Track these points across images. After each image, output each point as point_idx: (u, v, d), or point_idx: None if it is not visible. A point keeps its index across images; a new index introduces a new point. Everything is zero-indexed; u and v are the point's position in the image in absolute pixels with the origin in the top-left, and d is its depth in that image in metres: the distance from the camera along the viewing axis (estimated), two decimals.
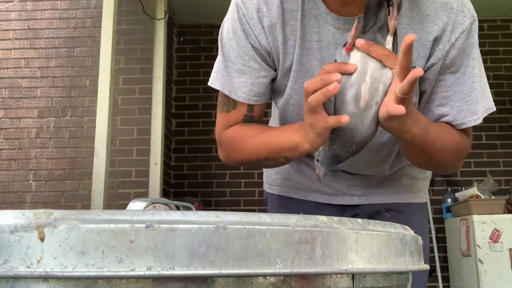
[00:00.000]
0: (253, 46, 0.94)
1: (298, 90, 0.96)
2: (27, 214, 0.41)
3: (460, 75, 0.92)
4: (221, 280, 0.41)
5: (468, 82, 0.92)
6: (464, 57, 0.92)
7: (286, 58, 0.95)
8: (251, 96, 0.97)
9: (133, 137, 3.69)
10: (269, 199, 1.20)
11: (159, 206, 0.93)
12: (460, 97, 0.93)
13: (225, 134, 1.01)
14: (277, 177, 1.17)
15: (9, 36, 3.83)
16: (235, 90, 0.97)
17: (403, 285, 0.56)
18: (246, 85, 0.96)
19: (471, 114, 0.93)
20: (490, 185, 3.43)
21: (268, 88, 0.99)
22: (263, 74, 0.96)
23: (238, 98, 0.97)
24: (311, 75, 0.93)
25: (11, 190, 3.58)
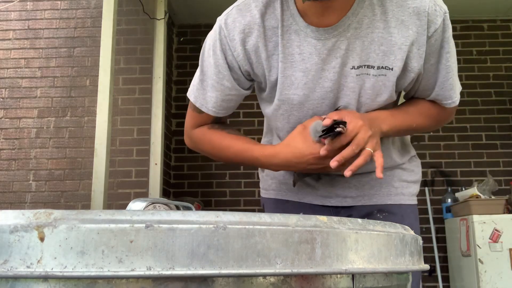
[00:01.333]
0: (229, 66, 1.02)
1: (285, 100, 1.03)
2: (27, 214, 0.41)
3: (438, 65, 1.02)
4: (221, 280, 0.41)
5: (443, 72, 1.03)
6: (441, 48, 1.01)
7: (271, 72, 1.01)
8: (220, 110, 1.07)
9: (133, 137, 3.69)
10: (266, 204, 1.24)
11: (159, 206, 0.93)
12: (437, 84, 1.04)
13: (195, 132, 1.14)
14: (272, 182, 1.21)
15: (9, 36, 3.83)
16: (206, 103, 1.07)
17: (403, 285, 0.56)
18: (217, 101, 1.06)
19: (447, 99, 1.07)
20: (490, 185, 3.43)
21: (237, 103, 1.09)
22: (233, 93, 1.05)
23: (208, 111, 1.07)
24: (297, 86, 1.01)
25: (11, 190, 3.58)
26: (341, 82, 1.00)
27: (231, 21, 1.01)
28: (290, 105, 1.03)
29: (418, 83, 1.05)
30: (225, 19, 1.02)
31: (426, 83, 1.05)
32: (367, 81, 0.99)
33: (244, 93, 1.07)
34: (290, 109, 1.03)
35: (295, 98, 1.01)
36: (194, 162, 4.06)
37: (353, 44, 0.98)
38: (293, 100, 1.02)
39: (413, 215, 1.17)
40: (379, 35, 0.97)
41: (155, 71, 3.63)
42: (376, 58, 0.98)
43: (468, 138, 3.97)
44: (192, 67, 4.18)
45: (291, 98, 1.02)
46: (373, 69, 0.99)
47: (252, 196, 3.96)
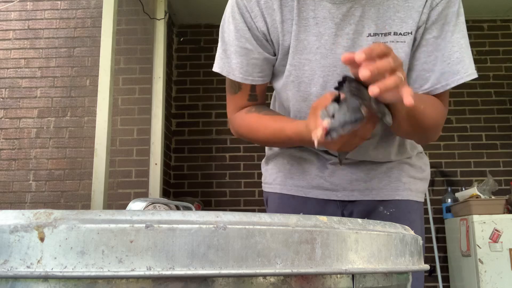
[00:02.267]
0: (249, 28, 1.01)
1: (297, 66, 1.01)
2: (27, 214, 0.41)
3: (441, 40, 0.99)
4: (221, 280, 0.41)
5: (448, 46, 0.98)
6: (446, 24, 0.98)
7: (285, 37, 1.01)
8: (247, 76, 1.05)
9: (133, 137, 3.69)
10: (270, 198, 1.21)
11: (159, 206, 0.93)
12: (442, 60, 0.99)
13: (235, 118, 1.12)
14: (277, 176, 1.19)
15: (9, 36, 3.83)
16: (233, 71, 1.05)
17: (403, 285, 0.56)
18: (243, 66, 1.04)
19: (453, 75, 0.99)
20: (490, 185, 3.43)
21: (264, 70, 1.06)
22: (257, 56, 1.03)
23: (235, 78, 1.05)
24: (309, 51, 0.99)
25: (11, 190, 3.58)
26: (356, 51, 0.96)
27: None
28: (301, 71, 1.01)
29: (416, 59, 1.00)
30: None
31: (426, 60, 1.00)
32: None
33: (268, 57, 1.04)
34: (301, 75, 1.01)
35: (306, 63, 1.00)
36: (194, 162, 4.06)
37: (368, 11, 0.97)
38: (304, 65, 1.00)
39: (419, 212, 1.15)
40: (394, 2, 0.97)
41: (155, 71, 3.63)
42: (393, 24, 0.97)
43: (468, 138, 3.97)
44: (192, 67, 4.19)
45: (302, 62, 1.00)
46: (391, 35, 0.97)
47: (252, 196, 3.96)
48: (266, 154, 1.23)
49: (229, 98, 1.13)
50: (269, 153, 1.22)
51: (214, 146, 4.03)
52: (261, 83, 1.07)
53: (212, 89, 4.10)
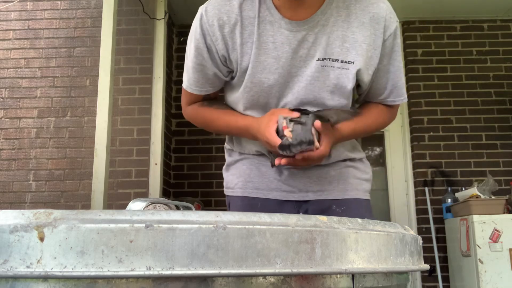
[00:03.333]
0: (208, 49, 1.15)
1: (257, 83, 1.15)
2: (27, 214, 0.41)
3: (390, 66, 1.20)
4: (221, 280, 0.41)
5: (396, 72, 1.21)
6: (393, 52, 1.19)
7: (244, 58, 1.14)
8: (202, 89, 1.22)
9: (133, 137, 3.69)
10: (232, 202, 1.31)
11: (159, 206, 0.92)
12: (391, 84, 1.22)
13: (188, 109, 1.28)
14: (238, 181, 1.30)
15: (9, 36, 3.83)
16: (190, 84, 1.22)
17: (403, 285, 0.56)
18: (199, 81, 1.20)
19: (399, 96, 1.24)
20: (490, 185, 3.43)
21: (216, 85, 1.22)
22: (212, 73, 1.18)
23: (192, 91, 1.22)
24: (269, 71, 1.13)
25: (11, 190, 3.58)
26: (307, 72, 1.13)
27: (211, 9, 1.14)
28: (260, 88, 1.15)
29: (372, 83, 1.20)
30: (206, 7, 1.15)
31: (379, 82, 1.21)
32: (331, 72, 1.13)
33: (220, 76, 1.19)
34: (260, 91, 1.15)
35: (265, 82, 1.13)
36: (194, 162, 4.06)
37: (320, 39, 1.13)
38: (263, 83, 1.14)
39: (368, 208, 1.30)
40: (342, 33, 1.13)
41: (155, 71, 3.63)
42: (340, 53, 1.13)
43: (468, 138, 3.97)
44: None
45: (262, 81, 1.14)
46: (337, 62, 1.13)
47: None
48: (227, 161, 1.35)
49: (184, 92, 1.27)
50: (230, 160, 1.34)
51: (214, 146, 4.03)
52: (211, 92, 1.24)
53: None
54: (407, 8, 3.91)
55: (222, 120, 1.23)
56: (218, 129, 1.28)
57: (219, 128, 1.26)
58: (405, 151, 4.07)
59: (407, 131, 4.06)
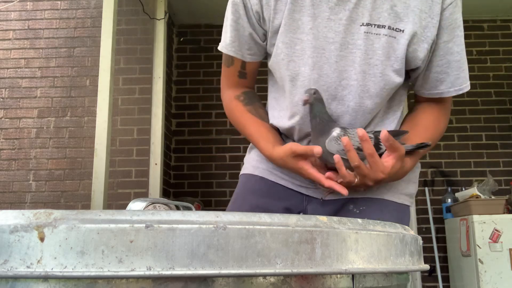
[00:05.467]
0: (244, 4, 1.04)
1: (288, 44, 1.01)
2: (27, 214, 0.41)
3: (452, 44, 1.02)
4: (221, 280, 0.41)
5: (459, 52, 1.03)
6: (456, 27, 1.01)
7: (277, 15, 1.02)
8: (237, 50, 1.09)
9: (133, 137, 3.69)
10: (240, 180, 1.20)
11: (159, 206, 0.92)
12: (456, 65, 1.03)
13: (226, 96, 1.18)
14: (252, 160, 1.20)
15: (9, 36, 3.83)
16: (225, 43, 1.10)
17: (403, 285, 0.56)
18: (234, 40, 1.08)
19: (466, 81, 1.05)
20: (490, 185, 3.43)
21: (252, 48, 1.09)
22: (247, 33, 1.07)
23: (228, 51, 1.10)
24: (302, 31, 1.00)
25: (11, 190, 3.58)
26: (347, 39, 0.99)
27: None
28: (292, 49, 1.02)
29: (431, 65, 1.03)
30: None
31: (440, 65, 1.03)
32: (376, 41, 0.98)
33: (256, 37, 1.07)
34: (291, 54, 1.02)
35: (297, 42, 1.01)
36: (194, 162, 4.06)
37: (365, 1, 0.97)
38: (296, 43, 1.01)
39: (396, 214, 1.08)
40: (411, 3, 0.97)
41: (155, 71, 3.63)
42: (388, 18, 0.97)
43: (468, 138, 3.97)
44: (192, 67, 4.18)
45: (294, 41, 1.01)
46: (384, 28, 0.97)
47: None
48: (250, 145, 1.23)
49: (223, 69, 1.18)
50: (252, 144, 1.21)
51: (214, 146, 4.03)
52: (249, 60, 1.11)
53: (212, 89, 4.10)
54: None
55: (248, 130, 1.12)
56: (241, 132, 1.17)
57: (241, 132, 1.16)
58: None
59: None
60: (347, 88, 1.01)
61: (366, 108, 1.02)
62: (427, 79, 1.06)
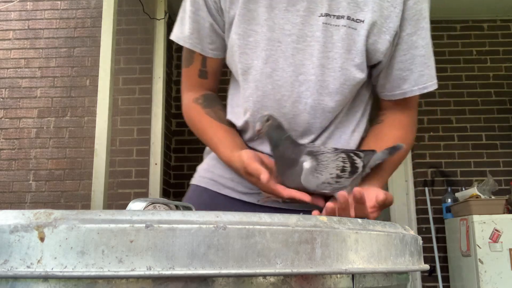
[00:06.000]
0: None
1: (241, 35, 0.95)
2: (27, 214, 0.41)
3: (416, 38, 0.94)
4: (221, 280, 0.41)
5: (424, 46, 0.95)
6: (421, 19, 0.94)
7: (233, 5, 0.96)
8: (197, 43, 1.02)
9: (133, 137, 3.69)
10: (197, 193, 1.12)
11: (159, 206, 0.92)
12: (421, 61, 0.95)
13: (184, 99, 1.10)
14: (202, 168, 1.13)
15: (9, 36, 3.83)
16: (184, 36, 1.02)
17: (403, 285, 0.56)
18: (194, 32, 1.01)
19: (432, 78, 0.97)
20: (490, 185, 3.43)
21: (214, 42, 1.02)
22: (207, 24, 1.00)
23: (185, 44, 1.02)
24: (257, 22, 0.94)
25: (11, 190, 3.58)
26: (305, 31, 0.92)
27: None
28: (245, 41, 0.95)
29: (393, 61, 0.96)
30: None
31: (403, 60, 0.95)
32: (335, 33, 0.91)
33: (217, 28, 1.00)
34: (244, 46, 0.95)
35: (251, 34, 0.94)
36: (194, 162, 4.04)
37: None
38: (249, 35, 0.94)
39: None
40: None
41: (155, 71, 3.63)
42: (347, 8, 0.91)
43: (468, 138, 3.97)
44: None
45: (247, 33, 0.94)
46: (343, 19, 0.91)
47: None
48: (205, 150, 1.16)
49: (183, 71, 1.11)
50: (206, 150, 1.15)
51: None
52: (211, 56, 1.03)
53: None
54: None
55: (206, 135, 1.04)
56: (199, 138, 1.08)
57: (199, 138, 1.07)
58: None
59: None
60: (304, 84, 0.94)
61: (326, 107, 0.94)
62: (389, 77, 0.98)
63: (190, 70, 1.08)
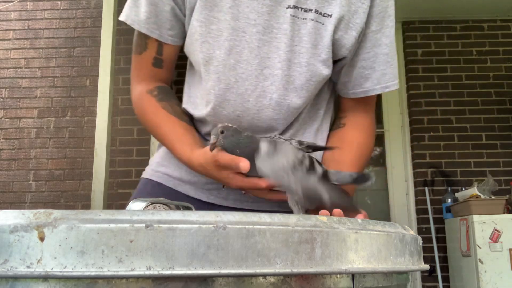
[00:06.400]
0: None
1: (203, 22, 0.89)
2: (27, 214, 0.41)
3: (381, 35, 0.92)
4: (221, 280, 0.41)
5: (388, 44, 0.93)
6: (386, 17, 0.92)
7: None
8: (154, 28, 0.93)
9: (133, 137, 3.69)
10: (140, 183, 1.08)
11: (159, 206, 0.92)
12: (384, 59, 0.93)
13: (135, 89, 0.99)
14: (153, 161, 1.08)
15: (9, 36, 3.83)
16: (140, 21, 0.93)
17: (403, 285, 0.56)
18: (151, 16, 0.92)
19: (394, 78, 0.94)
20: (490, 185, 3.43)
21: (174, 28, 0.94)
22: (167, 8, 0.91)
23: (141, 28, 0.93)
24: (220, 9, 0.88)
25: (11, 190, 3.58)
26: (271, 22, 0.88)
27: None
28: (207, 29, 0.88)
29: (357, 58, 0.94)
30: None
31: (366, 57, 0.93)
32: (302, 27, 0.88)
33: (178, 13, 0.92)
34: (206, 35, 0.89)
35: (214, 22, 0.88)
36: None
37: None
38: (211, 23, 0.88)
39: None
40: None
41: None
42: (315, 1, 0.88)
43: (468, 138, 3.97)
44: None
45: (210, 20, 0.88)
46: (311, 12, 0.88)
47: None
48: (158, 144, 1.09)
49: (134, 59, 1.00)
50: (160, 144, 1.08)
51: None
52: (169, 42, 0.95)
53: None
54: (407, 8, 3.91)
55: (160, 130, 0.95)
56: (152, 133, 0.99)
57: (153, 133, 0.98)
58: (405, 151, 4.07)
59: (407, 131, 4.06)
60: (269, 78, 0.89)
61: (291, 103, 0.91)
62: (351, 75, 0.96)
63: (143, 58, 0.98)
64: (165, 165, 1.02)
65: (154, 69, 0.99)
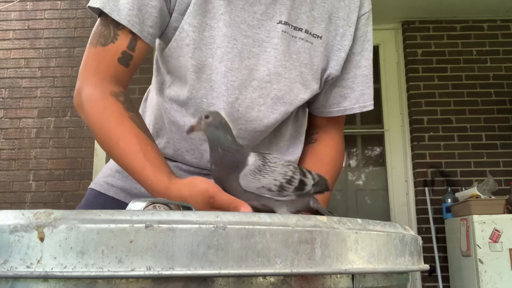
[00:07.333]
0: None
1: (196, 27, 0.85)
2: (27, 214, 0.41)
3: (360, 58, 0.96)
4: (220, 280, 0.41)
5: (367, 66, 0.96)
6: (366, 41, 0.96)
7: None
8: (135, 22, 0.83)
9: None
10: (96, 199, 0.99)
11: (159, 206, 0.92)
12: (363, 80, 0.96)
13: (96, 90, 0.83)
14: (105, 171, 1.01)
15: (9, 36, 3.83)
16: (119, 10, 0.82)
17: (403, 285, 0.56)
18: (133, 9, 0.82)
19: (370, 98, 0.98)
20: (490, 185, 3.43)
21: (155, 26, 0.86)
22: (154, 3, 0.84)
23: (120, 19, 0.82)
24: (213, 16, 0.85)
25: (11, 190, 3.58)
26: (261, 35, 0.88)
27: None
28: (200, 35, 0.85)
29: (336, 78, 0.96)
30: None
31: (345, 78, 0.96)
32: (292, 44, 0.89)
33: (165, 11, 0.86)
34: (199, 40, 0.85)
35: (206, 28, 0.86)
36: None
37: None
38: (204, 29, 0.85)
39: None
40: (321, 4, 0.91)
41: None
42: (306, 21, 0.90)
43: (468, 138, 3.97)
44: None
45: (203, 26, 0.85)
46: (301, 32, 0.89)
47: None
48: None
49: (91, 51, 0.87)
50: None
51: None
52: (147, 41, 0.86)
53: None
54: (407, 8, 3.91)
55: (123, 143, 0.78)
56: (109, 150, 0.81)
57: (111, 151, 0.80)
58: (405, 151, 4.07)
59: (407, 131, 4.06)
60: (257, 90, 0.88)
61: (278, 116, 0.91)
62: (329, 94, 0.97)
63: (107, 51, 0.85)
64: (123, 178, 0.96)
65: (118, 67, 0.86)
